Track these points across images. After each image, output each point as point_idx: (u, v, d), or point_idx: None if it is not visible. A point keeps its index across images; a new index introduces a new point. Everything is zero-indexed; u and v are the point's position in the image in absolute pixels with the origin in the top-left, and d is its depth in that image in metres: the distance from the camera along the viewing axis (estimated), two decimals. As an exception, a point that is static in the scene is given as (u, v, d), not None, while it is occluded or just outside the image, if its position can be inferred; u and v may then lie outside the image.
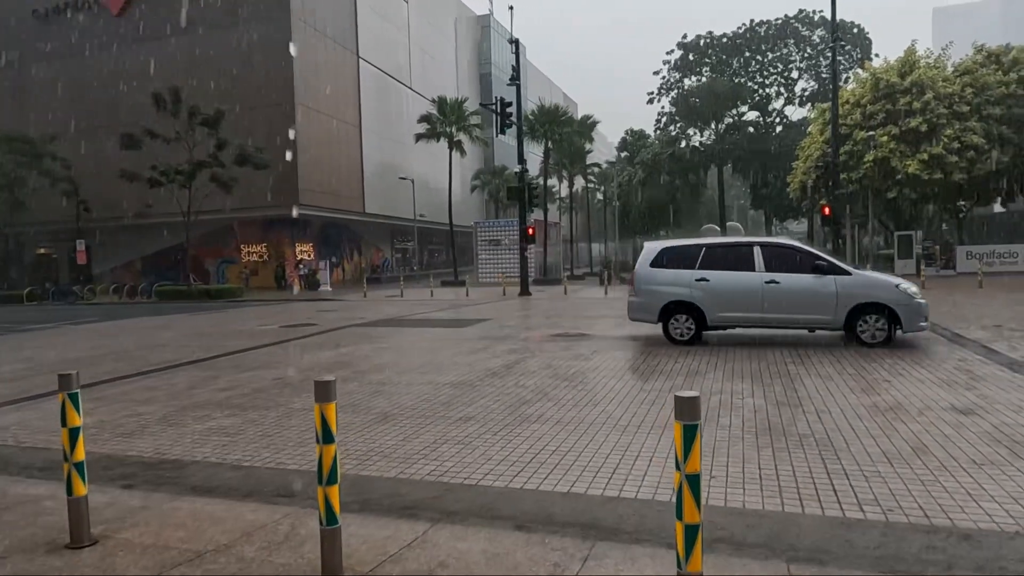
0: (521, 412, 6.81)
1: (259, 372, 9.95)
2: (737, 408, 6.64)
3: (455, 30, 62.63)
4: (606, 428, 6.09)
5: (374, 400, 7.67)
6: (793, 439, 5.52)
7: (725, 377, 8.23)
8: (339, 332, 15.15)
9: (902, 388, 7.25)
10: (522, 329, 14.71)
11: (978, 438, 5.38)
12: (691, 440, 2.61)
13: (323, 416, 3.20)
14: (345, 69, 42.64)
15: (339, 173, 41.24)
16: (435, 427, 6.37)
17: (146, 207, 34.84)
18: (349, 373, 9.55)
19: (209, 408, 7.57)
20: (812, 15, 42.65)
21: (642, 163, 45.18)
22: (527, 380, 8.51)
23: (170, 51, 38.54)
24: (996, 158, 27.26)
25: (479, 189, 59.82)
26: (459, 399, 7.55)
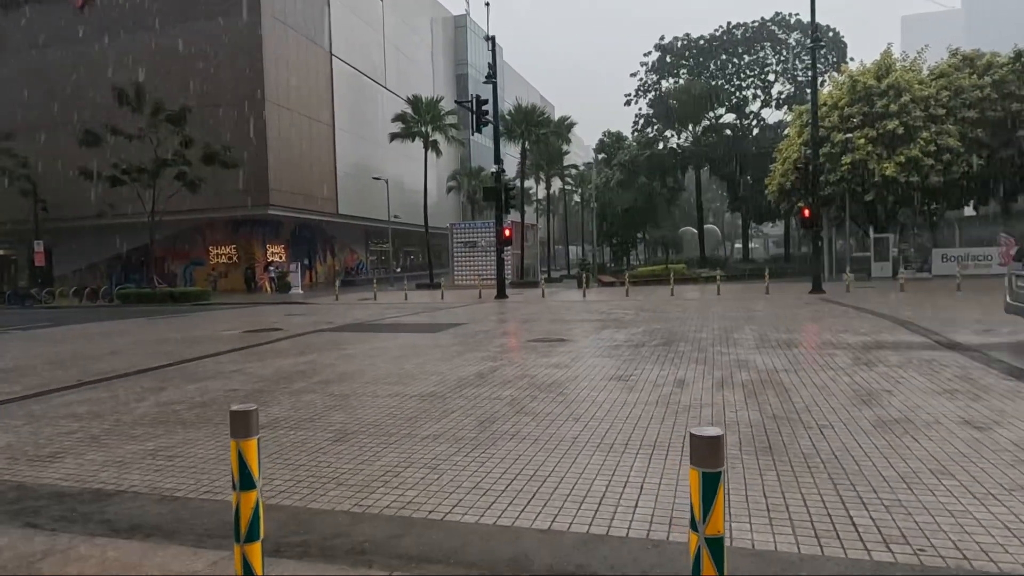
0: (495, 429, 6.18)
1: (211, 383, 9.17)
2: (731, 423, 6.07)
3: (431, 30, 61.85)
4: (590, 448, 5.47)
5: (333, 415, 6.97)
6: (798, 460, 4.96)
7: (715, 387, 7.68)
8: (305, 338, 14.36)
9: (904, 399, 6.75)
10: (498, 334, 14.08)
11: (999, 457, 4.87)
12: (712, 492, 2.00)
13: (241, 456, 2.53)
14: (318, 67, 41.65)
15: (311, 173, 40.22)
16: (399, 447, 5.71)
17: (108, 207, 33.49)
18: (310, 383, 8.83)
19: (148, 425, 6.81)
20: (788, 18, 42.72)
21: (619, 165, 44.83)
22: (503, 391, 7.88)
23: (134, 45, 37.23)
24: (975, 163, 27.31)
25: (455, 190, 59.12)
26: (428, 413, 6.89)
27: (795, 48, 43.63)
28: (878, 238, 31.62)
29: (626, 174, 43.92)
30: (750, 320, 14.77)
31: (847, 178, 28.62)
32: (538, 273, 40.55)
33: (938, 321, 12.97)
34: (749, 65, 44.31)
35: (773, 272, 27.27)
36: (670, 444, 5.47)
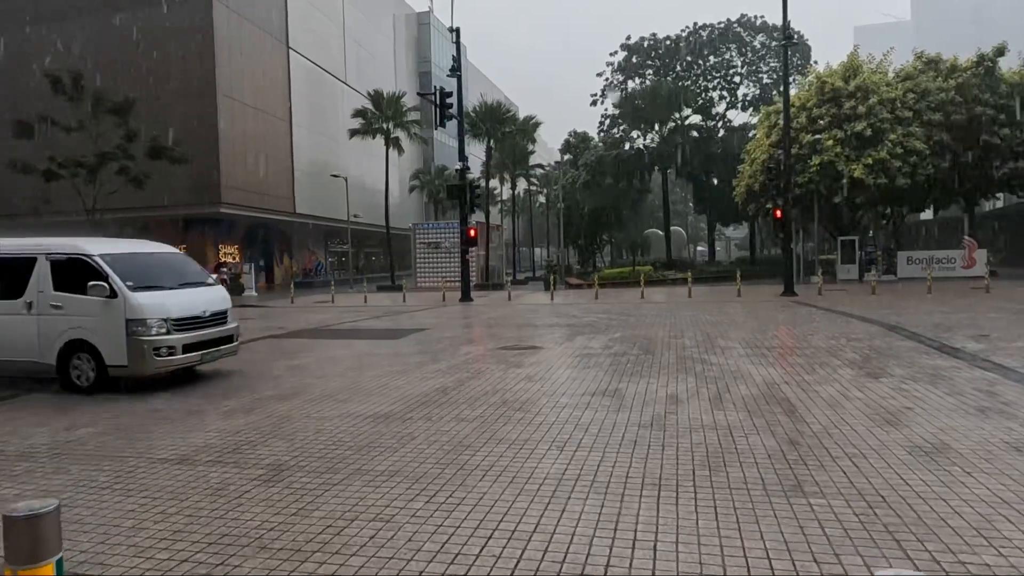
0: (464, 462, 5.12)
1: (132, 403, 7.88)
2: (744, 452, 5.13)
3: (393, 26, 60.37)
4: (581, 488, 4.46)
5: (268, 443, 5.82)
6: (839, 504, 4.02)
7: (713, 403, 6.76)
8: (251, 345, 13.04)
9: (931, 418, 5.92)
10: (463, 341, 13.00)
11: (1077, 497, 4.03)
12: None
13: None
14: (274, 60, 39.91)
15: (267, 170, 38.44)
16: (346, 488, 4.60)
17: (43, 203, 31.25)
18: (247, 402, 7.63)
19: (44, 457, 5.55)
20: (754, 19, 42.62)
21: (586, 165, 44.09)
22: (469, 411, 6.82)
23: (76, 31, 35.00)
24: (943, 166, 27.31)
25: (418, 190, 57.71)
26: (382, 440, 5.79)
27: (760, 51, 43.59)
28: (844, 240, 31.53)
29: (592, 175, 43.20)
30: (729, 325, 14.01)
31: (816, 179, 28.34)
32: (503, 275, 39.54)
33: (927, 326, 12.37)
34: (715, 67, 44.10)
35: (741, 274, 26.78)
36: (679, 482, 4.50)
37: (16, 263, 8.67)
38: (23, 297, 8.49)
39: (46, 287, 8.43)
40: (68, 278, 8.37)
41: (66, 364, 8.38)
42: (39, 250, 8.63)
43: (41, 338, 8.41)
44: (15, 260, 8.72)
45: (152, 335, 8.16)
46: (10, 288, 8.59)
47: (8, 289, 8.62)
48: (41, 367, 8.48)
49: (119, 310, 8.14)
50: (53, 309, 8.37)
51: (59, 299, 8.37)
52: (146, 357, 8.11)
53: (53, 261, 8.48)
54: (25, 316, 8.47)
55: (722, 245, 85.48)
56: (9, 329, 8.53)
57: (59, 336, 8.32)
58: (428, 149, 58.33)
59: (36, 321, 8.43)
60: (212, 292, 9.43)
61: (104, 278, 8.15)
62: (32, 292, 8.47)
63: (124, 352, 8.11)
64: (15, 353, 8.54)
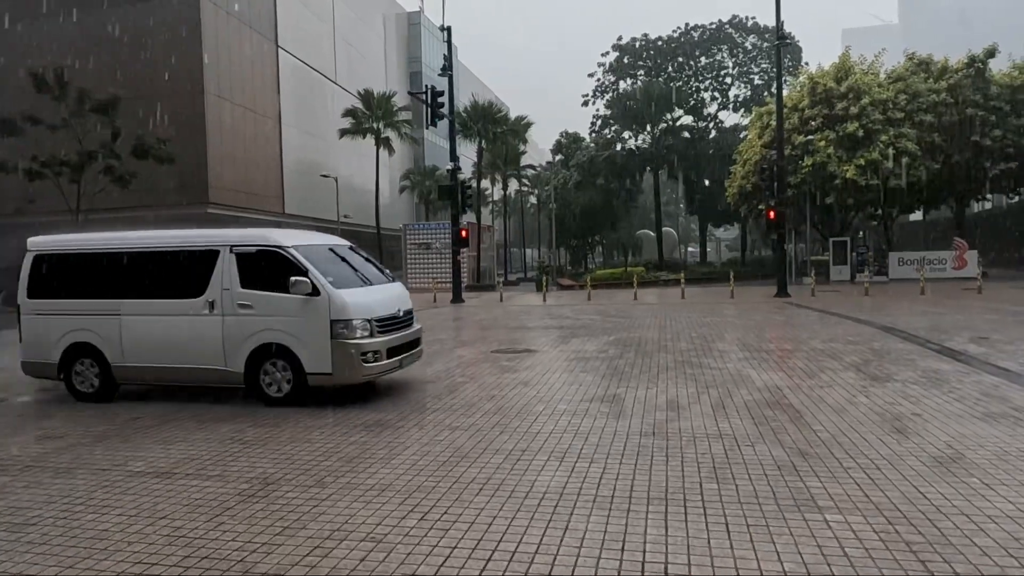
0: (458, 474, 4.87)
1: (109, 407, 7.58)
2: (752, 462, 4.92)
3: (384, 26, 60.01)
4: (584, 503, 4.23)
5: (253, 453, 5.54)
6: (858, 522, 3.80)
7: (716, 410, 6.54)
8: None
9: (942, 425, 5.74)
10: (455, 344, 12.75)
11: (1104, 512, 3.84)
12: None
13: None
14: (262, 58, 39.48)
15: (255, 170, 38.04)
16: (334, 504, 4.35)
17: (27, 203, 30.70)
18: (227, 411, 7.32)
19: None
20: (745, 20, 42.62)
21: (577, 166, 43.93)
22: (464, 418, 6.58)
23: (60, 29, 34.44)
24: (934, 167, 27.33)
25: (408, 190, 57.33)
26: (373, 451, 5.54)
27: (751, 52, 43.58)
28: (836, 241, 31.54)
29: (584, 175, 43.05)
30: (725, 327, 13.83)
31: (808, 180, 28.29)
32: (495, 276, 39.30)
33: (924, 328, 12.24)
34: (706, 67, 44.06)
35: (733, 275, 26.68)
36: (686, 496, 4.27)
37: (194, 257, 7.60)
38: (204, 295, 7.40)
39: (232, 284, 7.33)
40: (257, 273, 7.32)
41: (255, 372, 7.28)
42: (222, 241, 7.56)
43: (227, 342, 7.30)
44: (193, 253, 7.64)
45: (358, 338, 7.07)
46: (188, 285, 7.52)
47: (186, 287, 7.54)
48: (226, 376, 7.39)
49: (322, 310, 7.04)
50: (241, 309, 7.28)
51: (248, 297, 7.26)
52: (355, 363, 7.03)
53: (239, 254, 7.39)
54: (207, 317, 7.37)
55: (713, 246, 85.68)
56: (188, 333, 7.45)
57: (248, 340, 7.22)
58: (419, 149, 58.02)
59: (220, 323, 7.34)
60: (398, 289, 8.48)
61: (304, 273, 7.07)
62: (215, 290, 7.38)
63: (327, 358, 7.02)
64: (195, 360, 7.46)
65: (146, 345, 7.61)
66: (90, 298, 7.86)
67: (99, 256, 8.04)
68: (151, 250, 7.86)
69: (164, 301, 7.60)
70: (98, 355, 7.79)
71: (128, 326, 7.66)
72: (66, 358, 7.89)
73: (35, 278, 8.10)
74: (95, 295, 7.84)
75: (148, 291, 7.69)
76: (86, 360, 7.86)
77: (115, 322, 7.69)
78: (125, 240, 8.11)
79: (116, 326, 7.69)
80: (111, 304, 7.73)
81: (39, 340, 7.99)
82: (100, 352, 7.77)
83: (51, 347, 7.89)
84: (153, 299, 7.65)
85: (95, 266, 7.99)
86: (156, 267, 7.78)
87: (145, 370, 7.74)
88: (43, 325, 7.98)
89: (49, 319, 7.97)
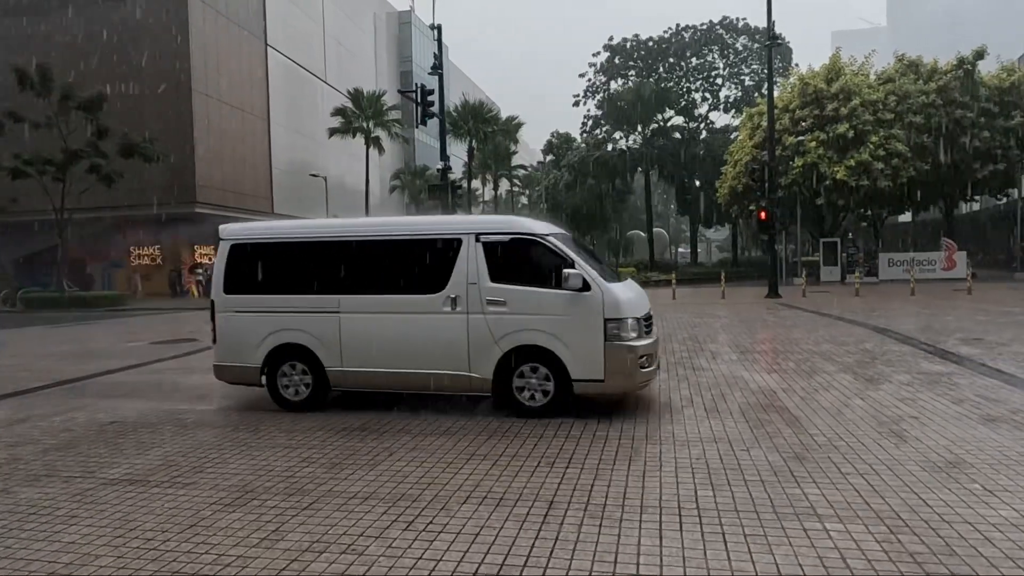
0: (444, 480, 4.70)
1: (85, 413, 7.35)
2: (747, 467, 4.77)
3: (374, 25, 59.69)
4: (574, 511, 4.06)
5: (232, 459, 5.35)
6: (856, 527, 3.66)
7: (710, 415, 6.40)
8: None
9: (940, 429, 5.62)
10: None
11: (1111, 519, 3.72)
12: None
13: None
14: (251, 57, 39.09)
15: (244, 169, 37.66)
16: (315, 512, 4.16)
17: (10, 202, 30.21)
18: (206, 415, 7.13)
19: (-27, 482, 5.04)
20: (736, 21, 42.70)
21: (568, 166, 43.84)
22: (450, 422, 6.40)
23: (44, 25, 33.98)
24: (923, 168, 27.43)
25: (399, 190, 57.03)
26: (358, 456, 5.35)
27: (742, 53, 43.66)
28: (826, 242, 31.58)
29: (575, 175, 42.98)
30: (717, 328, 13.73)
31: (799, 181, 28.31)
32: (485, 277, 39.09)
33: (916, 329, 12.18)
34: (697, 68, 44.10)
35: (725, 276, 26.65)
36: (680, 504, 4.12)
37: (431, 247, 6.67)
38: (444, 291, 6.49)
39: (480, 277, 6.42)
40: (510, 265, 6.43)
41: (506, 379, 6.40)
42: (464, 228, 6.63)
43: (472, 345, 6.41)
44: (429, 242, 6.69)
45: (633, 339, 6.20)
46: (424, 279, 6.63)
47: (421, 281, 6.64)
48: (469, 383, 6.50)
49: (594, 307, 6.14)
50: (491, 307, 6.37)
51: (501, 293, 6.36)
52: (631, 368, 6.18)
53: (487, 243, 6.46)
54: (448, 315, 6.47)
55: (703, 247, 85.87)
56: (424, 333, 6.54)
57: (499, 342, 6.33)
58: (409, 149, 57.71)
59: (464, 322, 6.44)
60: (637, 285, 7.31)
61: (572, 265, 6.19)
62: (458, 284, 6.46)
63: (599, 362, 6.14)
64: (430, 364, 6.54)
65: (371, 347, 6.70)
66: (302, 293, 6.95)
67: (313, 246, 7.09)
68: (378, 239, 6.89)
69: (394, 297, 6.68)
70: (309, 358, 6.89)
71: (349, 325, 6.75)
72: (270, 361, 7.00)
73: (233, 271, 7.15)
74: (308, 290, 6.94)
75: (374, 286, 6.77)
76: (298, 364, 6.96)
77: (333, 321, 6.78)
78: (345, 228, 7.22)
79: (334, 325, 6.78)
80: (328, 300, 6.82)
81: (238, 341, 7.08)
82: (312, 355, 6.86)
83: (253, 349, 6.99)
84: (380, 295, 6.73)
85: (308, 257, 7.07)
86: (384, 259, 6.83)
87: (367, 375, 6.79)
88: (243, 324, 7.07)
89: (251, 317, 7.05)
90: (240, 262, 7.16)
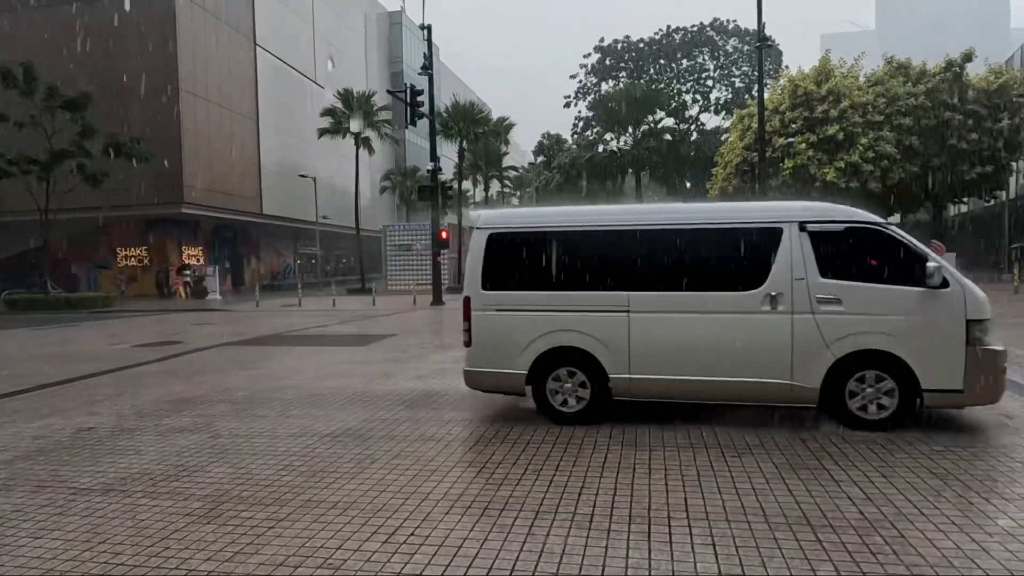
0: (430, 491, 4.56)
1: (62, 419, 7.15)
2: (738, 475, 4.66)
3: (364, 25, 59.47)
4: (561, 521, 3.94)
5: (211, 468, 5.19)
6: (850, 537, 3.56)
7: (701, 420, 6.29)
8: (206, 353, 12.31)
9: (939, 432, 5.53)
10: (433, 348, 12.42)
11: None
12: None
13: None
14: (240, 56, 38.81)
15: (232, 170, 37.36)
16: (293, 524, 4.02)
17: (-7, 201, 29.84)
18: (192, 419, 6.96)
19: (-62, 492, 4.85)
20: (726, 23, 42.83)
21: (559, 167, 43.85)
22: (440, 429, 6.27)
23: (29, 23, 33.60)
24: (912, 170, 27.54)
25: (389, 191, 56.89)
26: (340, 464, 5.21)
27: (732, 55, 43.80)
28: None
29: (566, 177, 42.97)
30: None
31: (789, 183, 28.35)
32: (476, 278, 38.94)
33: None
34: (688, 70, 44.22)
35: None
36: (670, 513, 4.01)
37: (745, 237, 5.93)
38: (762, 288, 5.76)
39: (808, 272, 5.69)
40: (844, 258, 5.76)
41: (838, 388, 5.66)
42: (784, 216, 5.88)
43: (798, 349, 5.67)
44: (744, 232, 5.94)
45: (997, 345, 5.49)
46: (735, 274, 5.91)
47: (732, 276, 5.92)
48: (792, 393, 5.74)
49: (954, 307, 5.47)
50: (822, 305, 5.65)
51: (834, 290, 5.64)
52: (997, 378, 5.45)
53: (814, 233, 5.75)
54: (767, 316, 5.75)
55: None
56: (735, 336, 5.80)
57: (832, 346, 5.60)
58: (400, 150, 57.53)
59: (787, 323, 5.71)
60: None
61: (925, 259, 5.47)
62: (780, 280, 5.73)
63: (958, 371, 5.41)
64: (743, 371, 5.80)
65: (668, 351, 5.97)
66: (582, 289, 6.18)
67: (595, 235, 6.31)
68: (677, 228, 6.11)
69: (698, 295, 5.94)
70: (588, 364, 6.13)
71: (641, 326, 5.99)
72: (538, 367, 6.23)
73: (493, 264, 6.39)
74: (590, 286, 6.17)
75: (672, 282, 6.02)
76: (576, 371, 6.18)
77: (621, 321, 6.03)
78: (634, 215, 6.46)
79: (622, 326, 6.03)
80: (615, 298, 6.06)
81: (500, 344, 6.31)
82: (593, 359, 6.10)
83: (517, 353, 6.22)
84: (680, 292, 5.98)
85: (588, 248, 6.30)
86: (685, 251, 6.10)
87: (662, 384, 6.03)
88: (506, 324, 6.30)
89: (517, 317, 6.28)
90: (501, 254, 6.41)
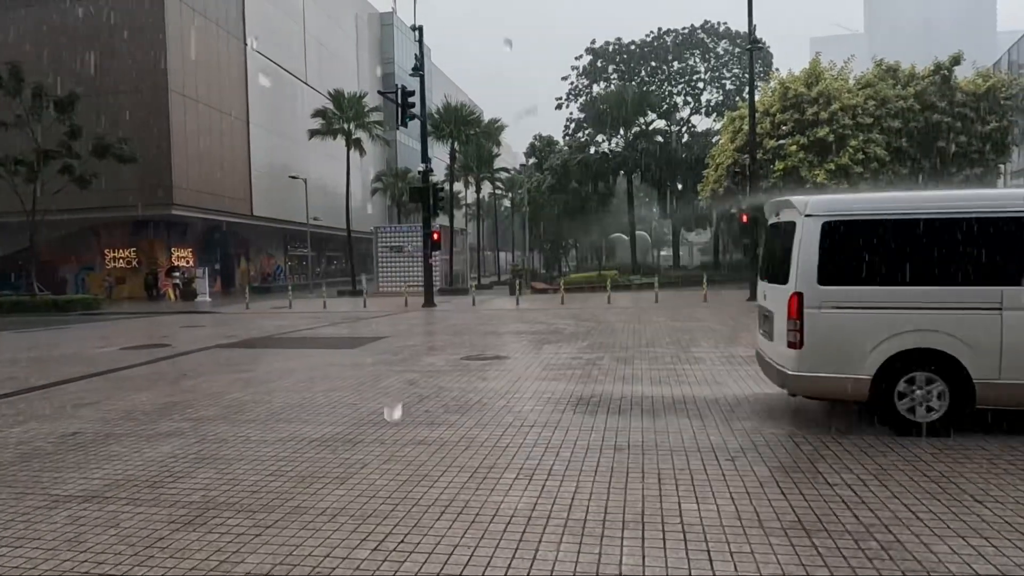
0: (419, 496, 4.48)
1: (45, 424, 7.02)
2: (732, 479, 4.62)
3: (356, 26, 59.27)
4: (553, 528, 3.87)
5: (196, 474, 5.10)
6: (846, 543, 3.51)
7: (694, 423, 6.25)
8: (194, 356, 12.17)
9: (937, 435, 5.51)
10: (425, 350, 12.34)
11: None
12: None
13: None
14: (230, 57, 38.57)
15: (222, 171, 37.09)
16: (279, 532, 3.94)
17: (-22, 203, 29.47)
18: (178, 423, 6.85)
19: (-85, 500, 4.73)
20: (717, 26, 42.97)
21: (551, 169, 43.82)
22: (428, 432, 6.19)
23: (15, 22, 33.26)
24: (902, 172, 27.69)
25: (380, 192, 56.64)
26: (329, 469, 5.13)
27: (723, 57, 43.94)
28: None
29: (557, 179, 42.95)
30: (701, 332, 13.65)
31: (780, 185, 28.40)
32: (468, 280, 38.92)
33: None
34: (679, 72, 44.32)
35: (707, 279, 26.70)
36: (664, 518, 3.96)
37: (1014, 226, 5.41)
38: None
39: None
40: None
41: None
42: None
43: None
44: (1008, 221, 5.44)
45: None
46: None
47: None
48: None
49: None
50: None
51: None
52: None
53: None
54: None
55: (685, 250, 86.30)
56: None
57: None
58: (391, 151, 57.38)
59: None
60: None
61: None
62: None
63: None
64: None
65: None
66: (940, 284, 5.52)
67: (960, 224, 5.56)
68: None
69: None
70: (948, 367, 5.48)
71: (1017, 326, 5.36)
72: (886, 371, 5.56)
73: (830, 256, 5.70)
74: (951, 280, 5.52)
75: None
76: (934, 377, 5.52)
77: (991, 320, 5.39)
78: (1001, 201, 5.67)
79: (992, 326, 5.39)
80: (984, 293, 5.42)
81: (840, 345, 5.66)
82: (955, 363, 5.45)
83: (862, 355, 5.58)
84: None
85: (947, 238, 5.57)
86: None
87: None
88: (850, 324, 5.66)
89: (861, 315, 5.65)
90: (840, 245, 5.73)
